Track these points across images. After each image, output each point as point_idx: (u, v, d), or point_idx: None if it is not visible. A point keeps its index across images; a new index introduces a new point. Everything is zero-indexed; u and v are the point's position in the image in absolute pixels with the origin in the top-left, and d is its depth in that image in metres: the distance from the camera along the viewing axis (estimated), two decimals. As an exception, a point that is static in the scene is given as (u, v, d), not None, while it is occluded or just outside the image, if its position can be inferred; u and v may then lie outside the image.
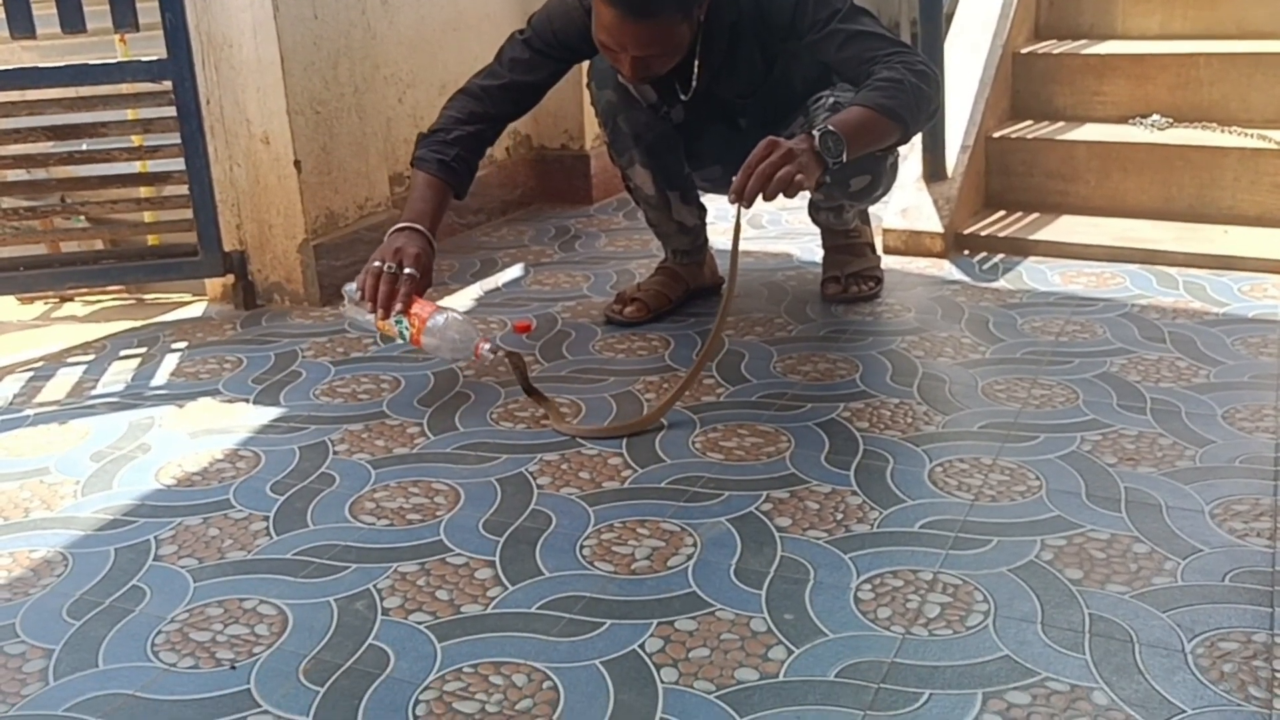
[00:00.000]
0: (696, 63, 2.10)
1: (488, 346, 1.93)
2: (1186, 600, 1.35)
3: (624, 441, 1.81)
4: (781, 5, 2.03)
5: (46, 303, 3.00)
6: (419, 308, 1.95)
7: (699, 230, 2.44)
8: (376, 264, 1.97)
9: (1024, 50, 3.17)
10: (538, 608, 1.38)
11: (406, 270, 1.95)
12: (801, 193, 1.79)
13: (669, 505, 1.61)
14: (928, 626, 1.32)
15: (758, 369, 2.09)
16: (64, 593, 1.46)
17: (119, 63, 2.51)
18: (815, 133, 1.80)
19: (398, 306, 1.94)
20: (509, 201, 3.40)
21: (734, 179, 1.76)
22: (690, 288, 2.45)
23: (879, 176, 2.20)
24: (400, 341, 1.98)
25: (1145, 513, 1.54)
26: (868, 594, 1.39)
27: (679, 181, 2.33)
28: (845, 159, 1.81)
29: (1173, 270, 2.55)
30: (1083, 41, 3.23)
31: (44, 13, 2.33)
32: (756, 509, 1.59)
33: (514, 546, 1.52)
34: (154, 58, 2.40)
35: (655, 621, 1.35)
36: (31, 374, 2.22)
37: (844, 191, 2.21)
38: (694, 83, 2.13)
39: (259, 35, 2.39)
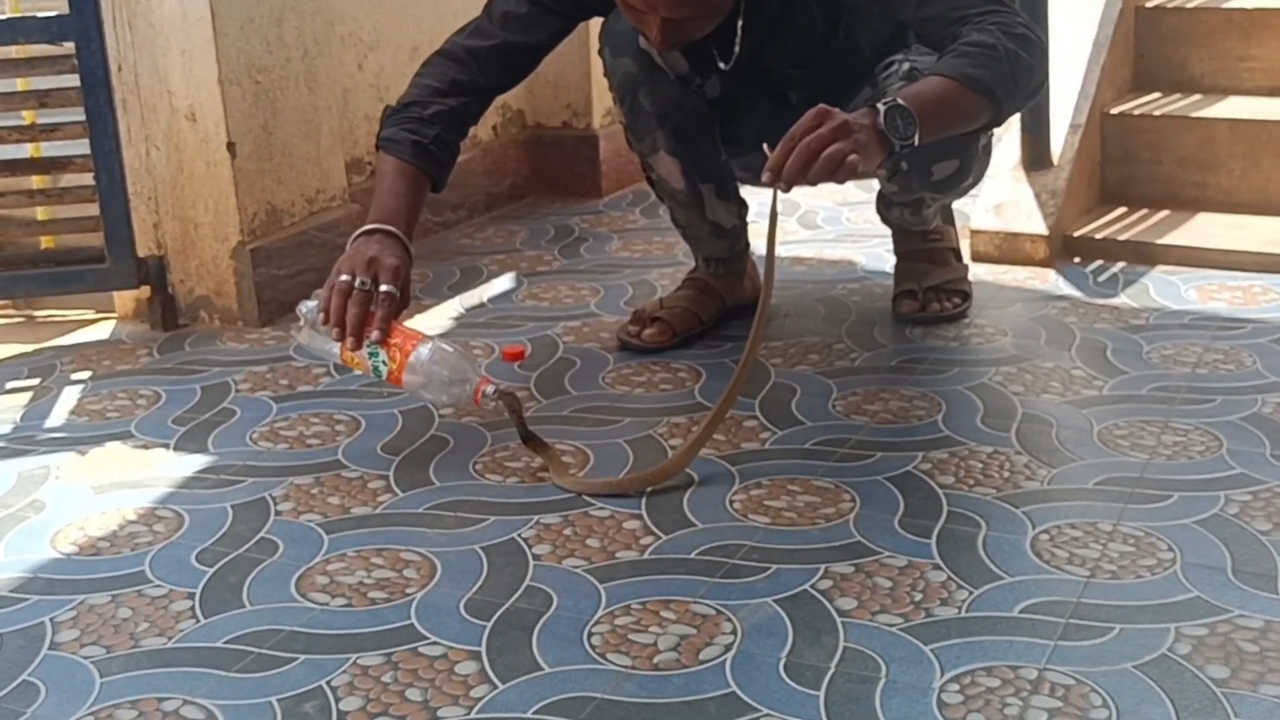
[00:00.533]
0: (740, 24, 2.12)
1: (491, 389, 1.89)
2: (1363, 707, 1.35)
3: (642, 500, 1.82)
4: None
5: (-88, 320, 3.03)
6: (400, 336, 1.92)
7: (738, 233, 2.45)
8: (344, 278, 1.93)
9: (1150, 3, 3.19)
10: (535, 712, 1.39)
11: (383, 288, 1.93)
12: (862, 181, 1.80)
13: (701, 582, 1.62)
14: (1032, 739, 1.32)
15: (813, 408, 2.10)
16: (-64, 690, 1.47)
17: (7, 19, 2.53)
18: (880, 105, 1.79)
19: (373, 334, 1.91)
20: (496, 194, 3.43)
21: (772, 153, 1.76)
22: (727, 305, 2.47)
23: (969, 162, 2.21)
24: (374, 377, 1.97)
25: (1309, 594, 1.55)
26: (954, 696, 1.39)
27: (714, 171, 2.35)
28: (917, 141, 1.80)
29: (1341, 283, 2.56)
30: (1224, -9, 3.25)
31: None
32: (812, 587, 1.59)
33: (504, 633, 1.52)
34: (53, 13, 2.44)
35: (684, 730, 1.35)
36: (-105, 411, 2.24)
37: (924, 181, 2.22)
38: (737, 49, 2.15)
39: (185, -14, 2.43)
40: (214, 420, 2.15)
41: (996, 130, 2.19)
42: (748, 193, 2.46)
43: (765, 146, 1.78)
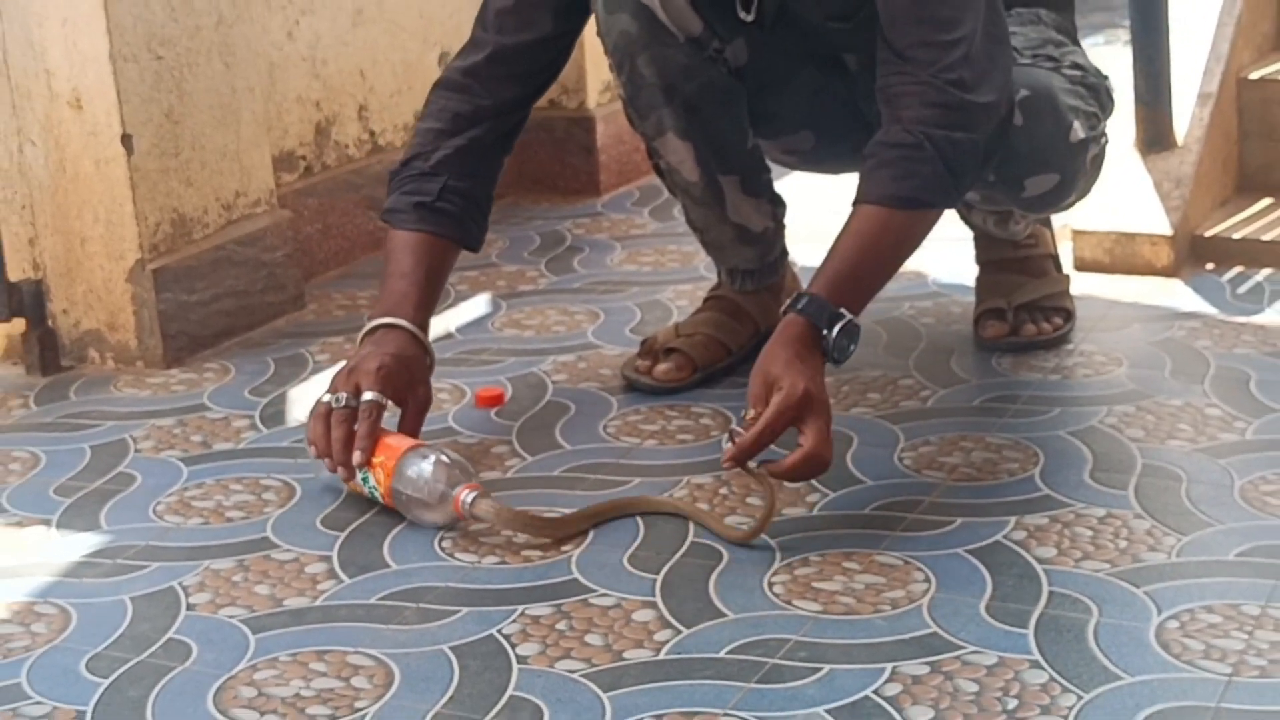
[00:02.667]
0: None
1: (470, 497, 1.94)
2: None
3: (657, 586, 1.82)
4: None
5: None
6: (384, 453, 2.01)
7: (772, 237, 2.46)
8: (326, 398, 2.06)
9: (1297, -61, 3.21)
10: None
11: (365, 397, 2.04)
12: None
13: (733, 689, 1.61)
14: None
15: (874, 462, 2.11)
16: None
17: None
18: (827, 339, 1.95)
19: (356, 457, 2.01)
20: (465, 193, 3.45)
21: (736, 440, 1.91)
22: (760, 329, 2.47)
23: (1071, 178, 2.23)
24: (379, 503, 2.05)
25: None
26: (1062, 832, 1.39)
27: (738, 161, 2.36)
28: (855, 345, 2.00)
29: None
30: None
31: None
32: (876, 693, 1.59)
33: (482, 759, 1.53)
34: (-101, -26, 2.47)
35: None
36: None
37: (1013, 195, 2.25)
38: None
39: (66, -64, 2.45)
40: (108, 489, 2.16)
41: (1107, 133, 2.26)
42: (788, 182, 2.46)
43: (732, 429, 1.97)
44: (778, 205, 2.46)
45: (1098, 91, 2.25)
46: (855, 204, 2.05)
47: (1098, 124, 2.23)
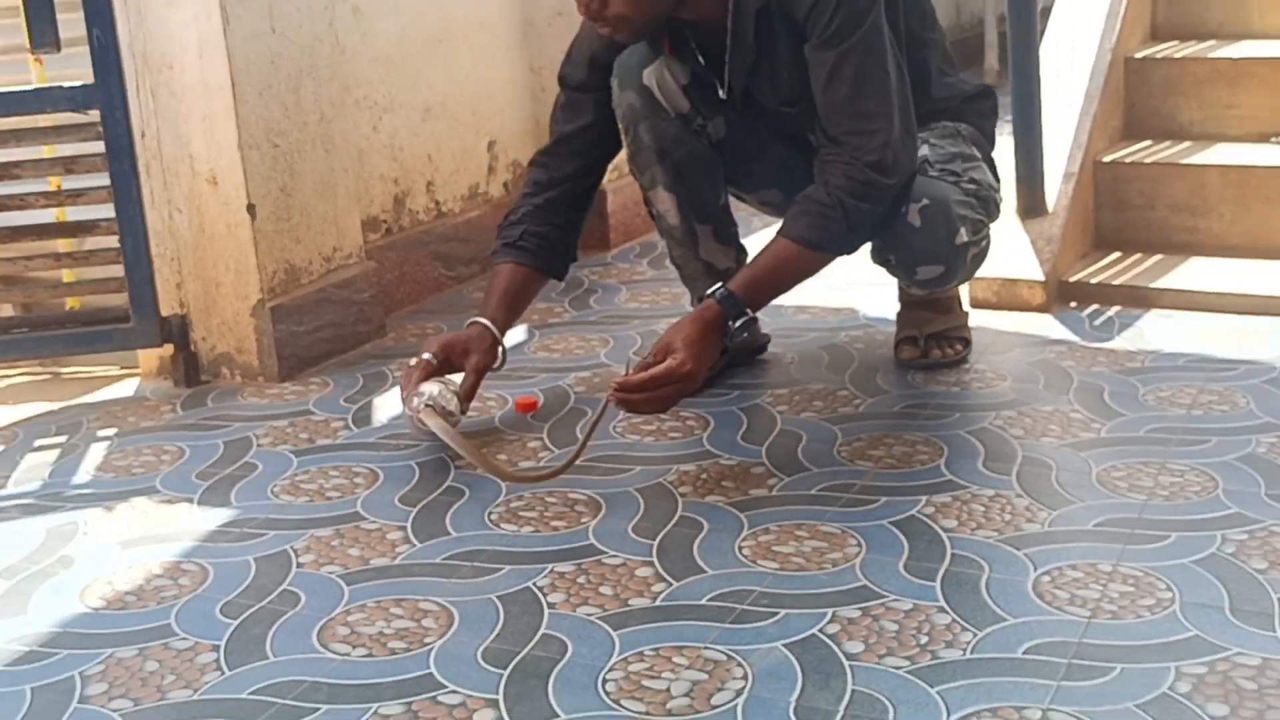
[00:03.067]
0: (727, 55, 2.18)
1: (416, 402, 2.11)
2: (1360, 743, 1.35)
3: (654, 549, 1.83)
4: None
5: (-57, 379, 3.04)
6: (409, 393, 2.14)
7: (713, 273, 2.46)
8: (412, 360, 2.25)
9: (1139, 55, 3.21)
10: (552, 758, 1.39)
11: (423, 356, 2.21)
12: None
13: (712, 628, 1.62)
14: (1037, 778, 1.32)
15: (818, 454, 2.10)
16: (-30, 744, 1.48)
17: (35, 89, 2.56)
18: (730, 329, 2.05)
19: (407, 397, 2.16)
20: (507, 248, 3.45)
21: (626, 378, 2.00)
22: (727, 348, 2.47)
23: (954, 270, 2.24)
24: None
25: (1305, 631, 1.55)
26: (961, 738, 1.39)
27: (711, 214, 2.38)
28: (747, 334, 2.11)
29: (1331, 324, 2.57)
30: (1211, 43, 3.27)
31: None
32: (820, 631, 1.59)
33: (521, 681, 1.53)
34: (78, 83, 2.47)
35: (698, 775, 1.36)
36: (-73, 470, 2.26)
37: (909, 277, 2.28)
38: (726, 77, 2.21)
39: (205, 55, 2.45)
40: (236, 475, 2.16)
41: (990, 237, 2.27)
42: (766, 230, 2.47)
43: (632, 355, 2.13)
44: (741, 252, 2.47)
45: (987, 203, 2.24)
46: (778, 234, 2.10)
47: (981, 229, 2.22)
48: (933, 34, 2.31)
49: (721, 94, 2.25)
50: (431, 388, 2.13)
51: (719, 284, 2.09)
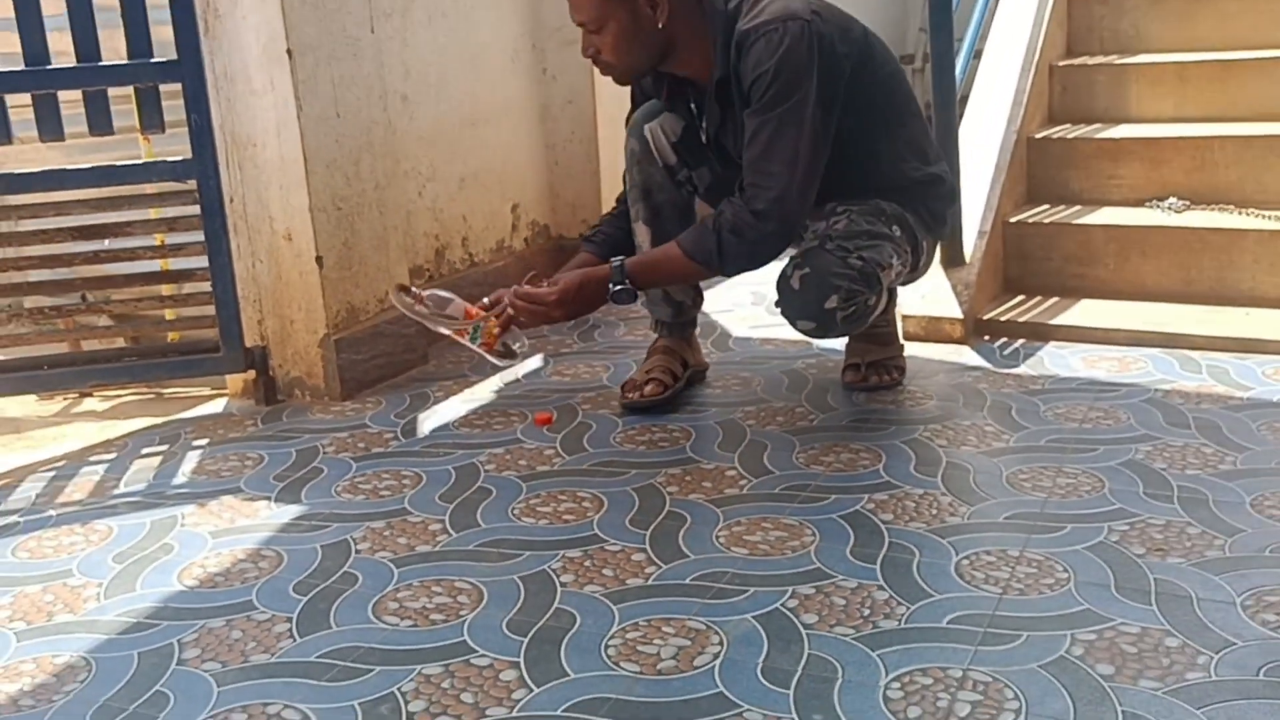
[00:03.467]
0: (705, 108, 2.21)
1: (397, 294, 2.27)
2: (1221, 696, 1.35)
3: (647, 538, 1.82)
4: (755, 60, 2.04)
5: (66, 399, 3.04)
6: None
7: (686, 308, 2.48)
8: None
9: (1038, 135, 3.22)
10: (563, 710, 1.39)
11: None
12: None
13: (694, 602, 1.62)
14: (959, 726, 1.32)
15: (780, 460, 2.10)
16: (88, 699, 1.47)
17: (145, 163, 2.57)
18: (612, 287, 2.15)
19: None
20: (527, 291, 3.45)
21: (519, 287, 2.18)
22: (689, 363, 2.49)
23: (826, 327, 2.13)
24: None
25: (1176, 605, 1.54)
26: (896, 693, 1.39)
27: None
28: (633, 287, 2.16)
29: (1195, 354, 2.56)
30: (1096, 125, 3.28)
31: (71, 112, 2.41)
32: (782, 605, 1.59)
33: (538, 647, 1.53)
34: (179, 158, 2.47)
35: (682, 723, 1.35)
36: (54, 473, 2.25)
37: (792, 326, 2.18)
38: (704, 124, 2.23)
39: (282, 134, 2.46)
40: (306, 477, 2.16)
41: (869, 304, 2.13)
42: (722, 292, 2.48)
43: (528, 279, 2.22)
44: (697, 295, 2.49)
45: (869, 278, 2.10)
46: (675, 239, 2.15)
47: (855, 298, 2.09)
48: (900, 129, 2.22)
49: (703, 138, 2.26)
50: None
51: (621, 257, 2.17)
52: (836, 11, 2.14)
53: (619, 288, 2.15)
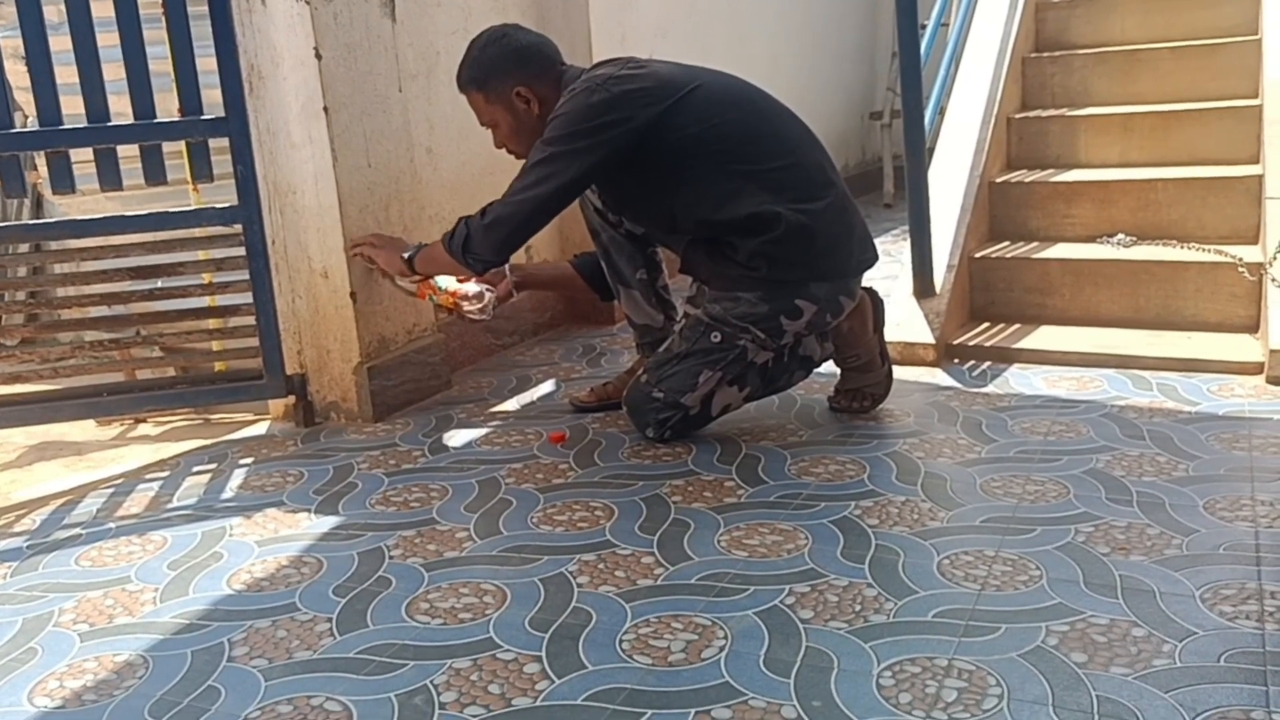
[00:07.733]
0: None
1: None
2: (1186, 681, 1.33)
3: (655, 543, 1.80)
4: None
5: (123, 424, 3.02)
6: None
7: (649, 331, 2.48)
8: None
9: (999, 179, 3.23)
10: (583, 699, 1.36)
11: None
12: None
13: (700, 600, 1.59)
14: (947, 711, 1.29)
15: (774, 471, 2.09)
16: (145, 694, 1.44)
17: (195, 210, 2.56)
18: (407, 254, 2.34)
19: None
20: (540, 324, 3.43)
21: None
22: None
23: (657, 439, 2.28)
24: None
25: (1140, 598, 1.52)
26: (888, 680, 1.36)
27: (629, 282, 2.44)
28: (416, 266, 2.34)
29: (1146, 373, 2.55)
30: (1050, 170, 3.29)
31: (129, 166, 2.40)
32: (781, 602, 1.57)
33: (559, 642, 1.50)
34: (226, 204, 2.46)
35: (693, 711, 1.32)
36: (113, 490, 2.22)
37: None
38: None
39: (320, 183, 2.45)
40: (342, 491, 2.14)
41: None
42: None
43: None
44: (669, 309, 2.48)
45: (672, 405, 2.21)
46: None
47: (668, 420, 2.23)
48: (741, 182, 2.08)
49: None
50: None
51: (423, 242, 2.35)
52: (661, 73, 2.11)
53: (407, 258, 2.33)
